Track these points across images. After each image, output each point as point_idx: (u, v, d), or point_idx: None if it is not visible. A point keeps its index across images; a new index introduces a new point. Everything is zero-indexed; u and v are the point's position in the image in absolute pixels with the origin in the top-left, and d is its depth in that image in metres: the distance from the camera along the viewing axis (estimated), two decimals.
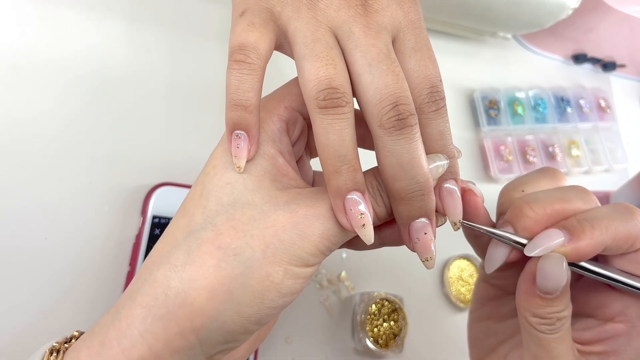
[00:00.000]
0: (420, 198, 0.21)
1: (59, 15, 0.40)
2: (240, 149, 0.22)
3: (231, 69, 0.21)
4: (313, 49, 0.21)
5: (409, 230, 0.22)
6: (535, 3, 0.48)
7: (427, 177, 0.21)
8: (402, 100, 0.20)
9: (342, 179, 0.21)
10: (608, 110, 0.61)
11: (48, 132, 0.37)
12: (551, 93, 0.59)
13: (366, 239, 0.21)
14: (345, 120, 0.20)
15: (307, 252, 0.21)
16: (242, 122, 0.22)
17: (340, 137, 0.20)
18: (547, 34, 0.56)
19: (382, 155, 0.21)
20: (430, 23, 0.54)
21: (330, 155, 0.21)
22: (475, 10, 0.49)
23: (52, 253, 0.35)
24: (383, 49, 0.21)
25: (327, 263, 0.44)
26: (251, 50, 0.21)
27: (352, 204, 0.21)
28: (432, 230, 0.22)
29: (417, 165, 0.21)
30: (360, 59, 0.21)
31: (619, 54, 0.63)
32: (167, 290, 0.21)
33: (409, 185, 0.21)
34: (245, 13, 0.22)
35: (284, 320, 0.41)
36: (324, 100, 0.20)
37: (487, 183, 0.53)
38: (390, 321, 0.42)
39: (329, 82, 0.20)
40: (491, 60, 0.59)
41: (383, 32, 0.22)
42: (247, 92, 0.21)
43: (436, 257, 0.22)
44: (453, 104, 0.55)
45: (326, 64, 0.21)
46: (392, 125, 0.20)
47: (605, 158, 0.59)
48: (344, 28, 0.21)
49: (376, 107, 0.20)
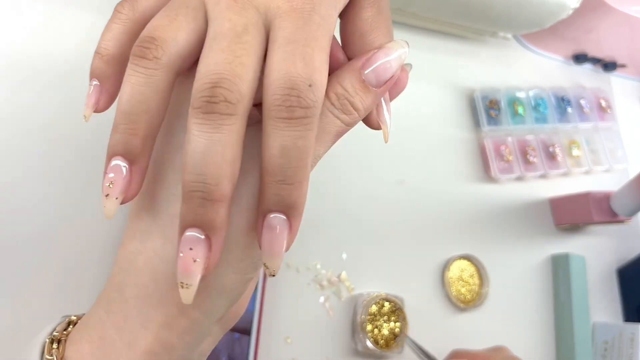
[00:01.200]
0: (201, 202, 0.17)
1: (60, 14, 0.40)
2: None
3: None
4: (167, 6, 0.20)
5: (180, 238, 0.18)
6: (535, 3, 0.48)
7: (220, 180, 0.17)
8: (223, 84, 0.17)
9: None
10: (608, 110, 0.61)
11: (49, 131, 0.37)
12: (552, 93, 0.59)
13: (107, 212, 0.19)
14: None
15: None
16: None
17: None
18: (547, 33, 0.55)
19: (186, 138, 0.18)
20: (431, 23, 0.54)
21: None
22: (475, 10, 0.49)
23: (52, 252, 0.35)
24: (238, 26, 0.18)
25: (327, 263, 0.44)
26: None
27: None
28: (204, 249, 0.18)
29: (211, 160, 0.17)
30: (210, 32, 0.19)
31: (620, 54, 0.63)
32: (155, 275, 0.20)
33: (193, 181, 0.17)
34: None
35: (284, 320, 0.40)
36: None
37: (488, 183, 0.53)
38: (391, 322, 0.42)
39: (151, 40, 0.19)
40: (491, 60, 0.59)
41: (250, 10, 0.19)
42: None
43: (196, 284, 0.18)
44: (453, 104, 0.55)
45: (169, 22, 0.19)
46: (200, 105, 0.17)
47: (605, 158, 0.59)
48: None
49: (198, 82, 0.18)
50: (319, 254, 0.44)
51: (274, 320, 0.40)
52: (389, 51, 0.20)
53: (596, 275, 0.54)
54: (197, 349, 0.22)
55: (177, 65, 0.19)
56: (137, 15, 0.20)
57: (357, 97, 0.20)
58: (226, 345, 0.37)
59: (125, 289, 0.20)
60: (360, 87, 0.20)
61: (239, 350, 0.37)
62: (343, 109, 0.20)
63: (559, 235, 0.54)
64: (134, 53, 0.19)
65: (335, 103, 0.20)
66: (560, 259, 0.51)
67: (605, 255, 0.55)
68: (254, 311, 0.38)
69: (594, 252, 0.54)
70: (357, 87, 0.20)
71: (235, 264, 0.20)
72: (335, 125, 0.20)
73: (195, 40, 0.19)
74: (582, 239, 0.55)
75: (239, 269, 0.20)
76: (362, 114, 0.21)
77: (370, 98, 0.20)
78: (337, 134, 0.21)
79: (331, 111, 0.20)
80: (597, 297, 0.52)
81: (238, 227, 0.19)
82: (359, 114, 0.20)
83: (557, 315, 0.50)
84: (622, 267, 0.54)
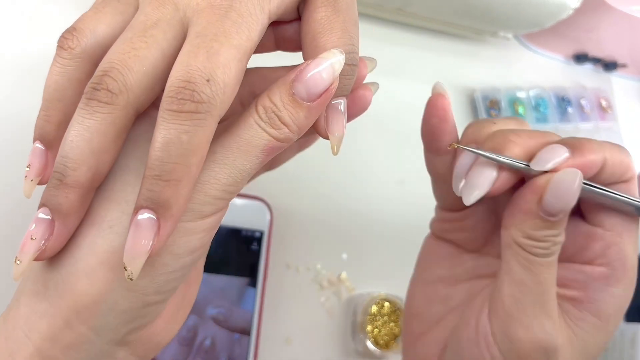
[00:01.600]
0: (55, 183, 0.18)
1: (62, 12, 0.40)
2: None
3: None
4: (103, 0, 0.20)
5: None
6: (536, 3, 0.48)
7: (78, 166, 0.17)
8: (111, 72, 0.17)
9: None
10: (609, 110, 0.61)
11: None
12: (552, 93, 0.59)
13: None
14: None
15: (197, 201, 0.19)
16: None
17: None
18: (548, 33, 0.55)
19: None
20: (431, 23, 0.54)
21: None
22: (475, 9, 0.49)
23: None
24: (150, 20, 0.18)
25: (327, 264, 0.44)
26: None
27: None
28: (43, 229, 0.18)
29: (76, 145, 0.17)
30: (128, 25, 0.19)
31: (620, 54, 0.63)
32: (47, 282, 0.19)
33: (58, 162, 0.18)
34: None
35: (283, 321, 0.40)
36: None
37: None
38: (391, 322, 0.42)
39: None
40: (492, 60, 0.58)
41: (168, 6, 0.19)
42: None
43: (27, 262, 0.18)
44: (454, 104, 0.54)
45: (93, 15, 0.20)
46: (86, 91, 0.18)
47: None
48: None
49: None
50: (319, 254, 0.44)
51: (273, 321, 0.40)
52: (320, 61, 0.19)
53: None
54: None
55: (97, 55, 0.19)
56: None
57: (286, 111, 0.19)
58: (226, 346, 0.37)
59: (21, 296, 0.20)
60: (290, 101, 0.19)
61: (238, 351, 0.37)
62: (271, 122, 0.19)
63: None
64: (57, 43, 0.19)
65: (262, 116, 0.19)
66: None
67: None
68: (254, 311, 0.38)
69: None
70: (285, 101, 0.19)
71: (127, 279, 0.18)
72: (263, 139, 0.19)
73: (119, 32, 0.19)
74: None
75: (133, 286, 0.19)
76: (295, 129, 0.19)
77: (303, 113, 0.19)
78: (268, 150, 0.19)
79: (258, 124, 0.19)
80: None
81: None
82: (289, 129, 0.19)
83: None
84: None
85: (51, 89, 0.19)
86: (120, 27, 0.20)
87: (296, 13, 0.22)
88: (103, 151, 0.18)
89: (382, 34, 0.54)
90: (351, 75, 0.20)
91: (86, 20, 0.19)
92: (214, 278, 0.38)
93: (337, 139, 0.21)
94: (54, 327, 0.19)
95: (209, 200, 0.19)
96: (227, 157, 0.19)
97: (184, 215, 0.18)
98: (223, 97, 0.17)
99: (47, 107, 0.20)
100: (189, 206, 0.18)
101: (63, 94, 0.19)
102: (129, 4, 0.20)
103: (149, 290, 0.19)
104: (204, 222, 0.19)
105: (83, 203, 0.19)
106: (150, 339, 0.21)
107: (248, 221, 0.40)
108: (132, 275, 0.17)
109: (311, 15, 0.20)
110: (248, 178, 0.20)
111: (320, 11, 0.20)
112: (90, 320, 0.19)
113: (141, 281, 0.19)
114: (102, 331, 0.19)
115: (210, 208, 0.19)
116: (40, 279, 0.19)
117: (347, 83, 0.20)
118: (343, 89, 0.20)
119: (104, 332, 0.19)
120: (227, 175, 0.19)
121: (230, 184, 0.19)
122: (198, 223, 0.19)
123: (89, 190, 0.18)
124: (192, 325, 0.36)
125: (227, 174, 0.19)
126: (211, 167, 0.19)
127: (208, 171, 0.19)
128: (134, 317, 0.19)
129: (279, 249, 0.42)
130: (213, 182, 0.19)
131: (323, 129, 0.21)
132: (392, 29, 0.55)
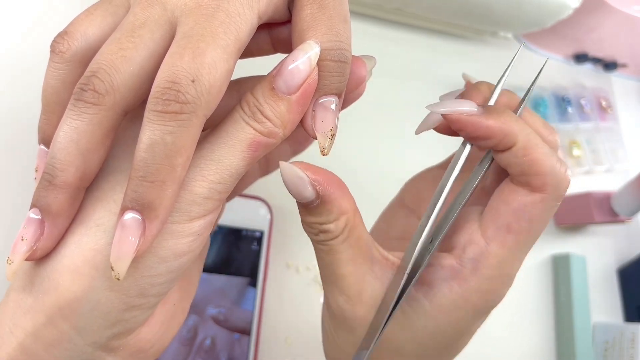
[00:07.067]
0: (45, 184, 0.18)
1: (63, 12, 0.40)
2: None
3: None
4: (96, 2, 0.21)
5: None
6: (536, 2, 0.48)
7: (66, 167, 0.18)
8: (99, 73, 0.17)
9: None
10: (609, 110, 0.61)
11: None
12: (552, 93, 0.59)
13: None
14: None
15: (183, 201, 0.18)
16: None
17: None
18: (548, 33, 0.55)
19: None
20: (431, 23, 0.54)
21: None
22: (475, 9, 0.49)
23: None
24: (138, 21, 0.18)
25: None
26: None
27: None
28: (34, 230, 0.18)
29: (64, 146, 0.18)
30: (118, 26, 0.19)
31: (621, 54, 0.63)
32: (34, 278, 0.19)
33: (47, 164, 0.18)
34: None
35: (283, 320, 0.40)
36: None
37: None
38: None
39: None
40: (492, 60, 0.58)
41: (157, 6, 0.19)
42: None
43: (18, 262, 0.18)
44: None
45: (85, 17, 0.20)
46: (74, 92, 0.18)
47: (606, 158, 0.58)
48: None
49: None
50: None
51: (273, 321, 0.40)
52: (297, 53, 0.19)
53: (597, 275, 0.53)
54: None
55: (88, 57, 0.19)
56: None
57: (267, 105, 0.19)
58: (226, 346, 0.37)
59: (11, 292, 0.20)
60: (270, 95, 0.19)
61: (238, 351, 0.37)
62: (254, 116, 0.19)
63: (560, 236, 0.54)
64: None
65: (245, 110, 0.19)
66: (561, 259, 0.51)
67: (605, 256, 0.55)
68: (254, 311, 0.38)
69: (595, 252, 0.54)
70: (266, 94, 0.19)
71: (113, 280, 0.18)
72: (248, 133, 0.19)
73: (110, 34, 0.20)
74: (582, 239, 0.54)
75: (117, 287, 0.19)
76: (278, 123, 0.19)
77: (284, 106, 0.19)
78: (255, 145, 0.19)
79: (242, 118, 0.19)
80: (598, 297, 0.52)
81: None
82: (272, 123, 0.19)
83: (558, 315, 0.50)
84: (623, 267, 0.54)
85: (47, 92, 0.20)
86: (111, 28, 0.20)
87: (288, 13, 0.22)
88: (91, 151, 0.18)
89: (382, 34, 0.54)
90: (338, 72, 0.20)
91: (77, 24, 0.20)
92: (214, 278, 0.38)
93: (326, 137, 0.20)
94: (37, 323, 0.19)
95: (196, 200, 0.19)
96: (213, 152, 0.19)
97: (171, 216, 0.18)
98: (209, 97, 0.17)
99: (46, 110, 0.20)
100: (176, 206, 0.18)
101: (59, 97, 0.20)
102: (120, 5, 0.20)
103: (132, 292, 0.19)
104: (193, 225, 0.19)
105: (73, 203, 0.19)
106: (139, 347, 0.21)
107: (248, 221, 0.40)
108: (118, 276, 0.17)
109: (298, 14, 0.20)
110: (236, 177, 0.19)
111: (306, 9, 0.20)
112: (72, 318, 0.19)
113: (124, 282, 0.18)
114: (84, 331, 0.19)
115: (198, 209, 0.19)
116: (28, 275, 0.19)
117: (334, 80, 0.20)
118: (331, 86, 0.20)
119: (86, 333, 0.19)
120: (214, 171, 0.19)
121: (218, 181, 0.19)
122: (186, 225, 0.19)
123: (78, 191, 0.19)
124: (192, 325, 0.36)
125: (214, 170, 0.19)
126: (197, 163, 0.19)
127: (195, 168, 0.19)
128: (117, 320, 0.19)
129: (279, 249, 0.42)
130: (200, 179, 0.19)
131: (310, 126, 0.20)
132: (392, 29, 0.55)
